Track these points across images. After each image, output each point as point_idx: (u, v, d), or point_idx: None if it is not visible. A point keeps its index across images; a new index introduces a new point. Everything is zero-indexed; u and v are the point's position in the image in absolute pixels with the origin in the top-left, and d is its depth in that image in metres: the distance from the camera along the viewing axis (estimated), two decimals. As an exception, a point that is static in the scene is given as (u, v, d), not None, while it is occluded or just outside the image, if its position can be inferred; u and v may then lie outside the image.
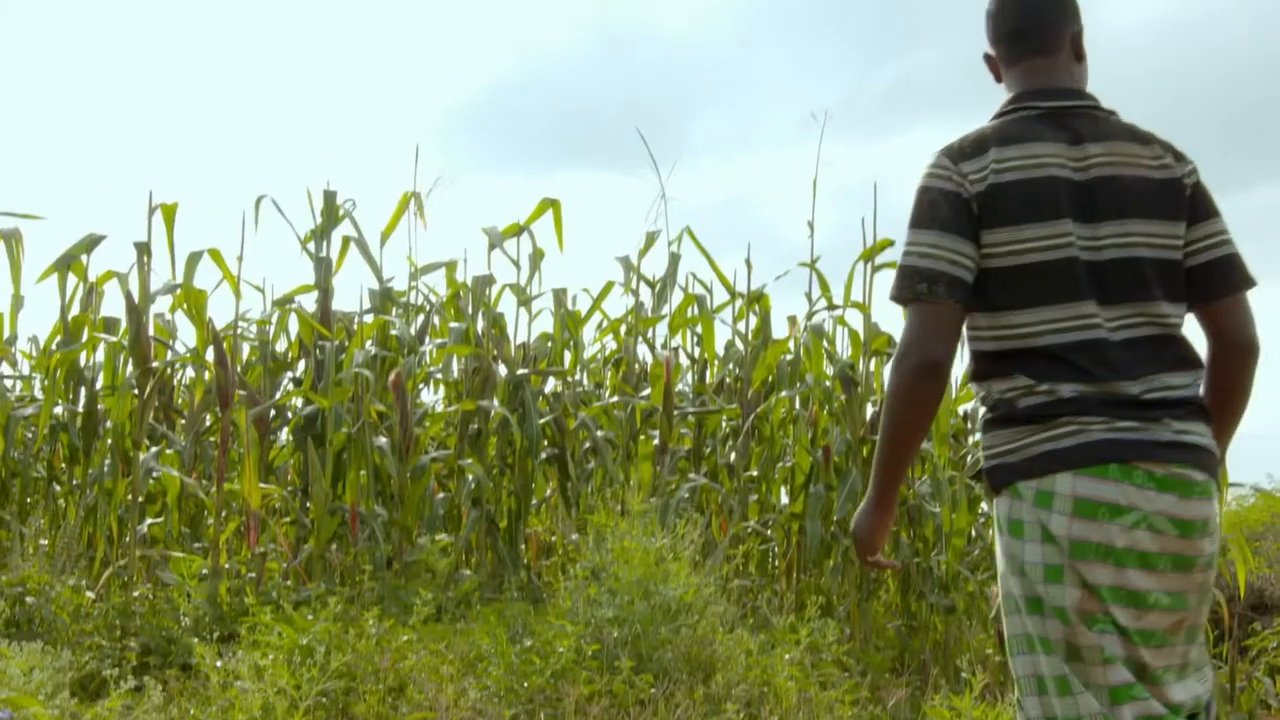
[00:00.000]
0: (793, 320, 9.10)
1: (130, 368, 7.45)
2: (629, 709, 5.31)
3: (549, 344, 9.26)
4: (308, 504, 7.64)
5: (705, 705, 5.37)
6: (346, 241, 8.32)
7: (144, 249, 7.40)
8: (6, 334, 8.38)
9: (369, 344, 8.14)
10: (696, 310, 9.32)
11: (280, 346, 8.68)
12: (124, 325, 7.63)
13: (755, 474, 8.62)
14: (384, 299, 8.57)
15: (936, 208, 2.57)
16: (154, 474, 7.42)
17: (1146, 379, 2.52)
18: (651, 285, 9.60)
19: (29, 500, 8.09)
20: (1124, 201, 2.56)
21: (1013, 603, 2.56)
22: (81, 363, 8.19)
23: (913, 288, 2.55)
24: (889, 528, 2.71)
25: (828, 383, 8.15)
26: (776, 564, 8.35)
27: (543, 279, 8.87)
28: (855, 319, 8.35)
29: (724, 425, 9.03)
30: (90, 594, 6.58)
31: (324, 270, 8.15)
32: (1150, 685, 2.48)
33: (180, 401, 8.90)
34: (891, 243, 7.74)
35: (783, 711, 5.53)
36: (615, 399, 8.92)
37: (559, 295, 9.33)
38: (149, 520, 7.68)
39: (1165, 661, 2.50)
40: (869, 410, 7.92)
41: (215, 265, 7.82)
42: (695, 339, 9.60)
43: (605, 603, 5.85)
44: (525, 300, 8.76)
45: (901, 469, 2.64)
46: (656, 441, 8.50)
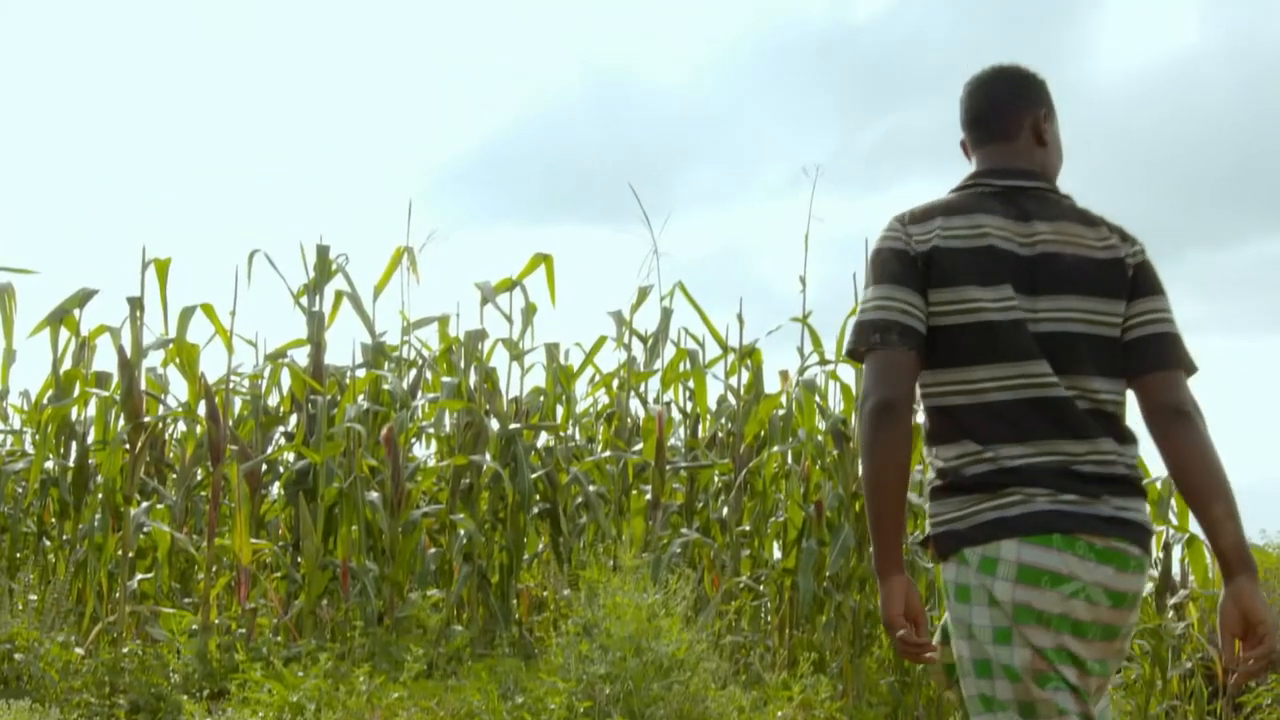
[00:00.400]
0: (785, 375, 9.12)
1: (122, 422, 7.44)
2: (621, 766, 5.28)
3: (541, 398, 9.27)
4: (299, 559, 7.61)
5: (698, 763, 5.35)
6: (339, 296, 8.33)
7: (137, 304, 7.41)
8: (-2, 388, 8.38)
9: (361, 399, 8.13)
10: (689, 365, 9.34)
11: (272, 401, 8.68)
12: (116, 380, 7.62)
13: (747, 529, 8.61)
14: (376, 353, 8.57)
15: (887, 265, 2.66)
16: (145, 529, 7.39)
17: (1089, 441, 2.58)
18: (644, 340, 9.62)
19: (18, 555, 8.06)
20: (1064, 278, 2.64)
21: (965, 665, 2.62)
22: (73, 417, 8.17)
23: (866, 339, 2.63)
24: (908, 594, 2.59)
25: (820, 437, 8.16)
26: (769, 620, 8.32)
27: (535, 333, 8.90)
28: (847, 373, 8.38)
29: (716, 480, 9.03)
30: (79, 650, 6.54)
31: (316, 325, 8.15)
32: None
33: (172, 456, 8.89)
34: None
35: (776, 769, 5.51)
36: (607, 454, 8.91)
37: (551, 350, 9.34)
38: (139, 575, 7.64)
39: None
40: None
41: (208, 320, 7.84)
42: (687, 394, 9.61)
43: (597, 659, 5.82)
44: (518, 355, 8.77)
45: (890, 524, 2.61)
46: (649, 496, 8.49)
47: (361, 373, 8.35)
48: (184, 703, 5.92)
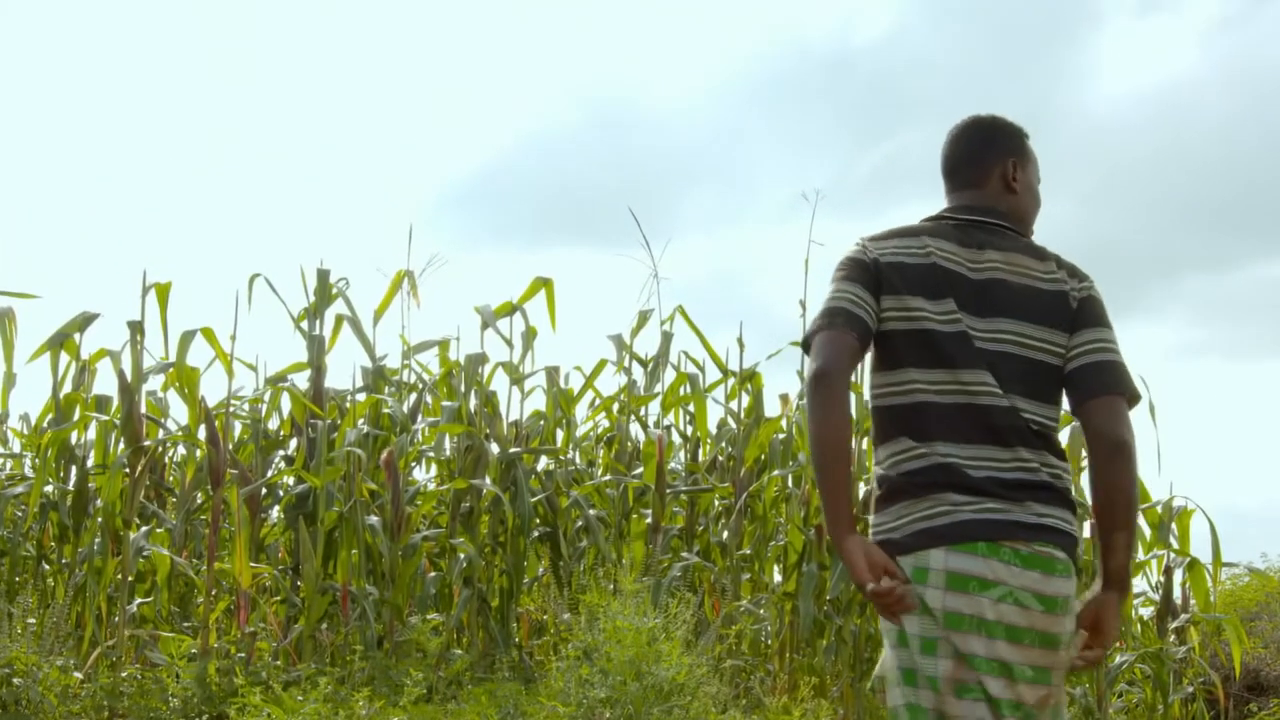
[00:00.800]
0: (785, 398, 9.11)
1: (122, 446, 7.43)
2: (621, 791, 5.27)
3: (541, 422, 9.27)
4: (298, 583, 7.60)
5: (698, 787, 5.33)
6: (339, 320, 8.34)
7: (137, 328, 7.42)
8: (-2, 412, 8.37)
9: (361, 422, 8.13)
10: (689, 389, 9.34)
11: (272, 425, 8.68)
12: (116, 404, 7.62)
13: (748, 553, 8.60)
14: (377, 377, 8.58)
15: (844, 269, 2.86)
16: (144, 553, 7.38)
17: (1012, 449, 2.74)
18: (644, 364, 9.63)
19: (17, 579, 8.04)
20: (1006, 303, 2.81)
21: (894, 675, 2.77)
22: (73, 441, 8.17)
23: (814, 326, 2.81)
24: (867, 551, 2.68)
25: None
26: (769, 643, 8.30)
27: (535, 357, 8.91)
28: (847, 397, 8.35)
29: (716, 504, 9.02)
30: (78, 674, 6.52)
31: (317, 349, 8.16)
32: None
33: (172, 480, 8.88)
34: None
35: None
36: (608, 477, 8.91)
37: (551, 373, 9.35)
38: (138, 599, 7.63)
39: None
40: (861, 489, 7.91)
41: (208, 343, 7.83)
42: (688, 417, 9.61)
43: (597, 683, 5.81)
44: (518, 378, 8.78)
45: (834, 488, 2.71)
46: (649, 520, 8.48)
47: (362, 396, 8.35)
48: (183, 727, 5.91)
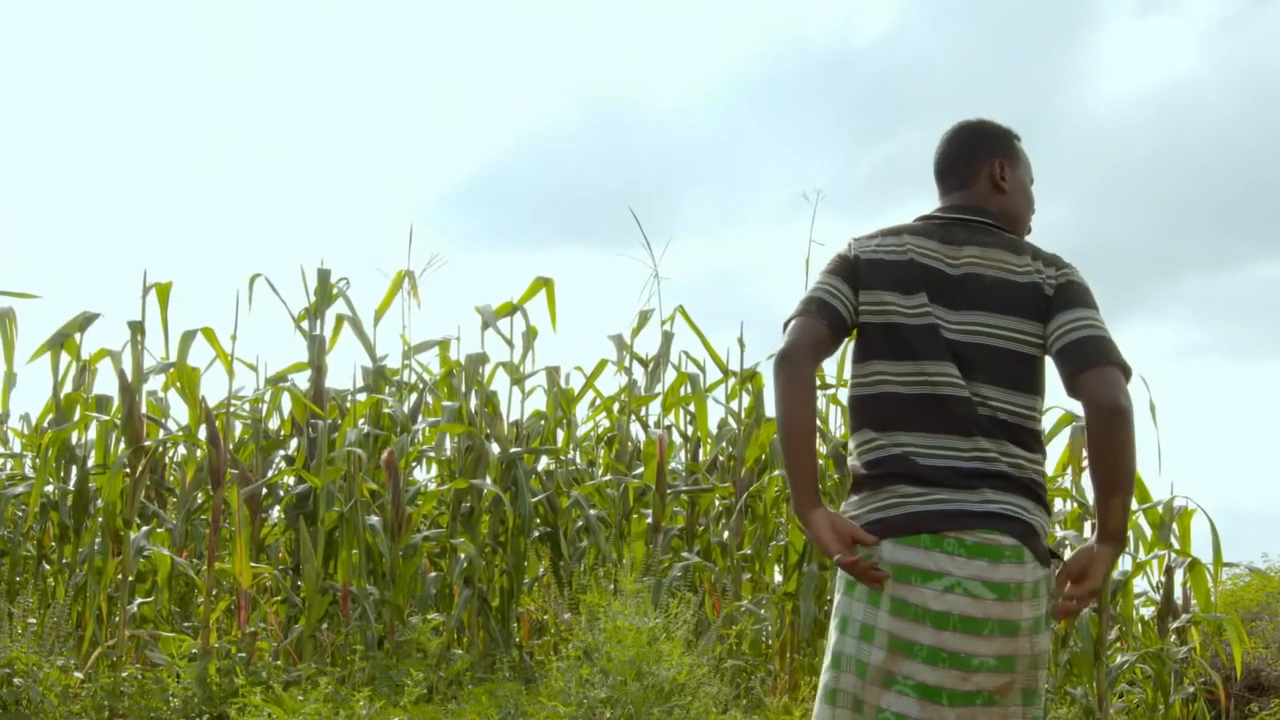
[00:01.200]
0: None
1: (122, 446, 7.43)
2: (622, 791, 5.27)
3: (542, 422, 9.27)
4: (299, 583, 7.60)
5: (699, 787, 5.33)
6: (340, 320, 8.34)
7: (137, 328, 7.41)
8: (-1, 412, 8.37)
9: (362, 422, 8.13)
10: (689, 389, 9.34)
11: (273, 425, 8.68)
12: (116, 404, 7.62)
13: (749, 553, 8.60)
14: (377, 377, 8.58)
15: (830, 264, 2.99)
16: (144, 553, 7.37)
17: (971, 439, 2.81)
18: (644, 364, 9.63)
19: (18, 579, 8.04)
20: (980, 295, 2.88)
21: (828, 656, 2.87)
22: (73, 441, 8.17)
23: (791, 314, 2.93)
24: (833, 522, 2.79)
25: (821, 461, 8.14)
26: (770, 644, 8.30)
27: (536, 357, 8.91)
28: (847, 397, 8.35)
29: (717, 504, 9.02)
30: (79, 674, 6.52)
31: (317, 349, 8.16)
32: None
33: (172, 480, 8.88)
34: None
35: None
36: (608, 477, 8.91)
37: (552, 373, 9.35)
38: (139, 599, 7.62)
39: None
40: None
41: (209, 343, 7.83)
42: (688, 417, 9.61)
43: (598, 683, 5.81)
44: (518, 378, 8.78)
45: (797, 464, 2.81)
46: (649, 520, 8.48)
47: (362, 396, 8.35)
48: (183, 727, 5.91)
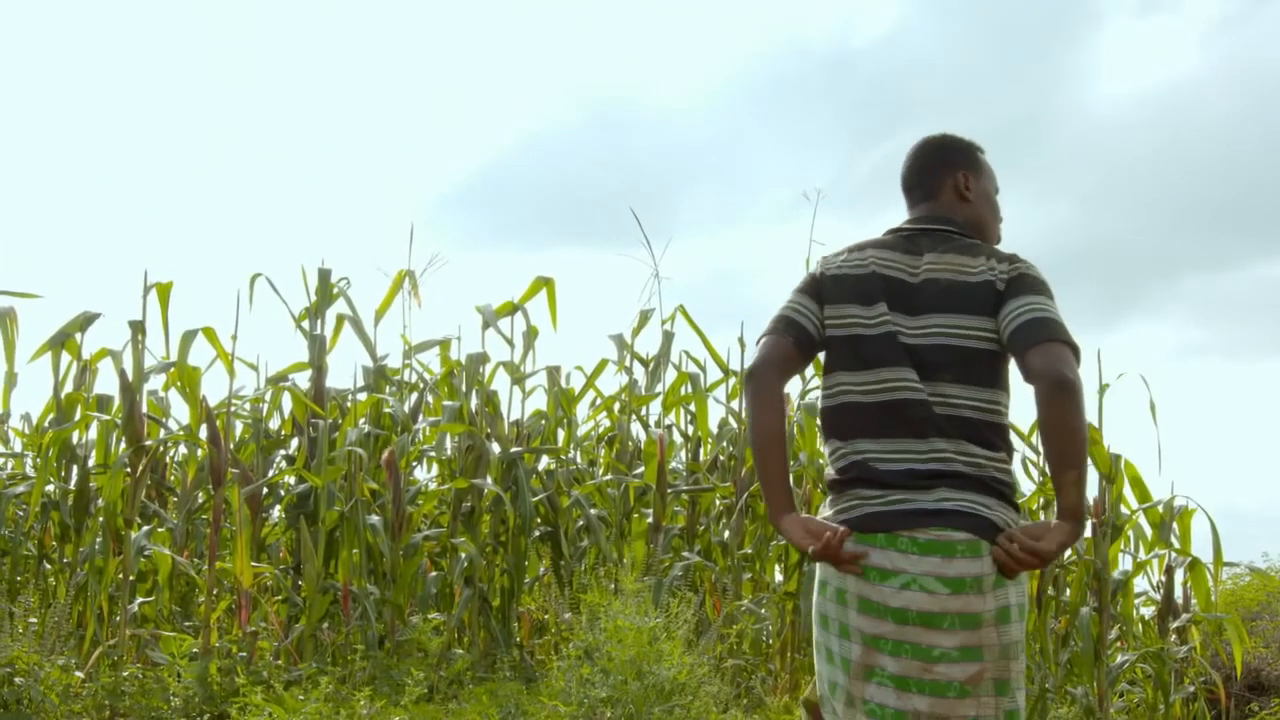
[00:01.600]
0: (787, 398, 9.11)
1: (123, 446, 7.43)
2: (622, 791, 5.27)
3: (542, 422, 9.26)
4: (299, 582, 7.60)
5: (699, 787, 5.33)
6: (341, 320, 8.34)
7: (138, 327, 7.41)
8: (0, 411, 8.37)
9: (362, 422, 8.14)
10: (690, 388, 9.34)
11: (273, 424, 8.67)
12: (117, 403, 7.62)
13: (749, 552, 8.60)
14: (378, 377, 8.58)
15: (800, 283, 3.16)
16: (145, 552, 7.37)
17: (927, 441, 2.90)
18: (645, 363, 9.63)
19: (19, 578, 8.04)
20: (936, 299, 2.98)
21: (826, 653, 2.98)
22: (74, 441, 8.17)
23: (762, 333, 3.13)
24: (805, 524, 2.93)
25: (820, 461, 8.14)
26: (771, 643, 8.30)
27: (536, 357, 8.91)
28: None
29: (717, 503, 9.02)
30: (80, 674, 6.52)
31: (318, 348, 8.16)
32: None
33: (173, 479, 8.88)
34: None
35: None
36: (609, 477, 8.91)
37: (552, 373, 9.35)
38: (140, 599, 7.62)
39: (968, 711, 2.82)
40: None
41: (209, 343, 7.82)
42: (689, 417, 9.61)
43: (598, 682, 5.81)
44: (519, 378, 8.77)
45: (767, 474, 3.00)
46: (650, 520, 8.48)
47: (363, 396, 8.35)
48: (184, 726, 5.91)
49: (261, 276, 7.86)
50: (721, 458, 9.32)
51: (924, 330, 2.95)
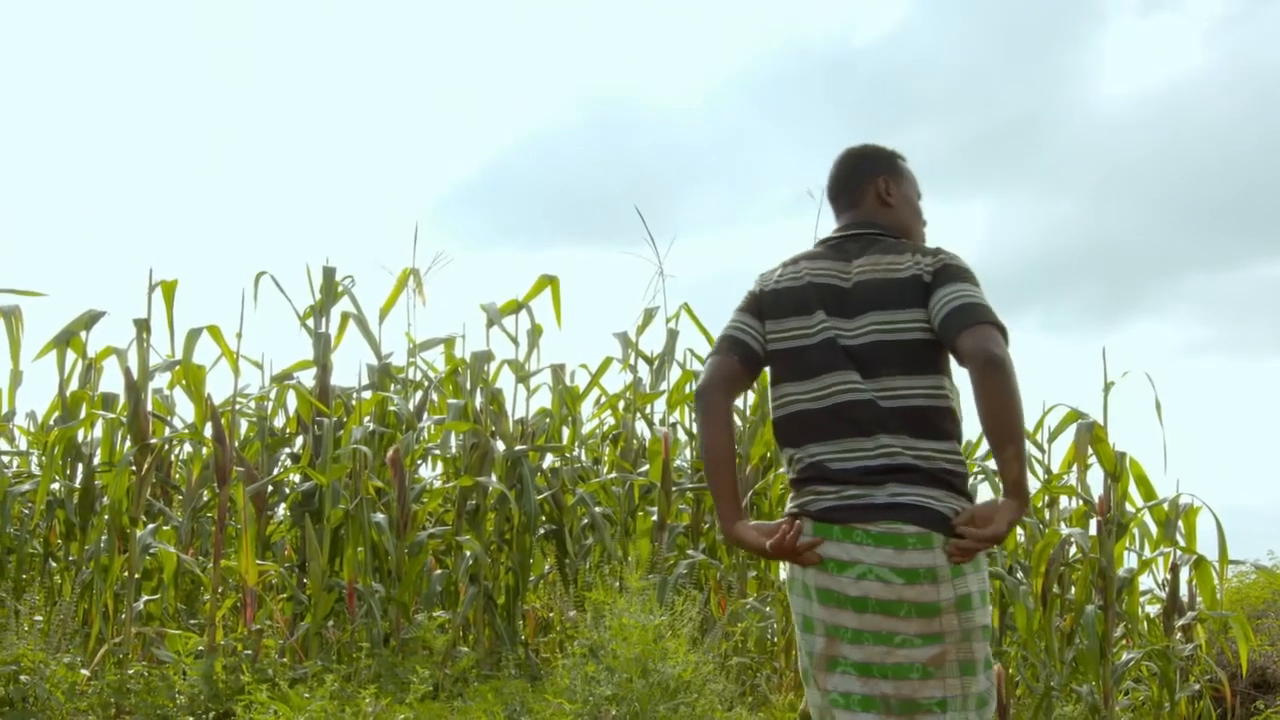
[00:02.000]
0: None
1: (128, 444, 7.43)
2: (628, 788, 5.27)
3: (547, 420, 9.26)
4: (305, 580, 7.60)
5: (704, 784, 5.33)
6: (345, 318, 8.34)
7: (143, 325, 7.41)
8: (5, 410, 8.38)
9: (367, 420, 8.14)
10: (694, 386, 9.33)
11: (278, 422, 8.67)
12: (122, 401, 7.62)
13: (754, 550, 8.57)
14: (382, 375, 8.58)
15: (742, 301, 3.29)
16: (150, 550, 7.38)
17: (873, 438, 2.98)
18: (649, 361, 9.63)
19: (24, 577, 8.05)
20: (869, 299, 3.08)
21: (799, 646, 3.08)
22: (79, 439, 8.17)
23: (709, 353, 3.28)
24: (757, 528, 3.08)
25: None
26: (775, 641, 8.30)
27: (541, 355, 8.90)
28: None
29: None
30: (85, 672, 6.53)
31: (323, 346, 8.16)
32: (899, 717, 2.91)
33: (178, 477, 8.89)
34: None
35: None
36: (613, 475, 8.91)
37: (557, 371, 9.34)
38: (145, 597, 7.63)
39: (933, 693, 2.91)
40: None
41: (214, 341, 7.81)
42: (693, 414, 9.60)
43: (603, 680, 5.81)
44: (523, 376, 8.77)
45: (716, 487, 3.13)
46: (655, 517, 8.48)
47: (367, 394, 8.35)
48: (190, 724, 5.91)
49: (266, 275, 7.87)
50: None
51: (862, 330, 3.06)
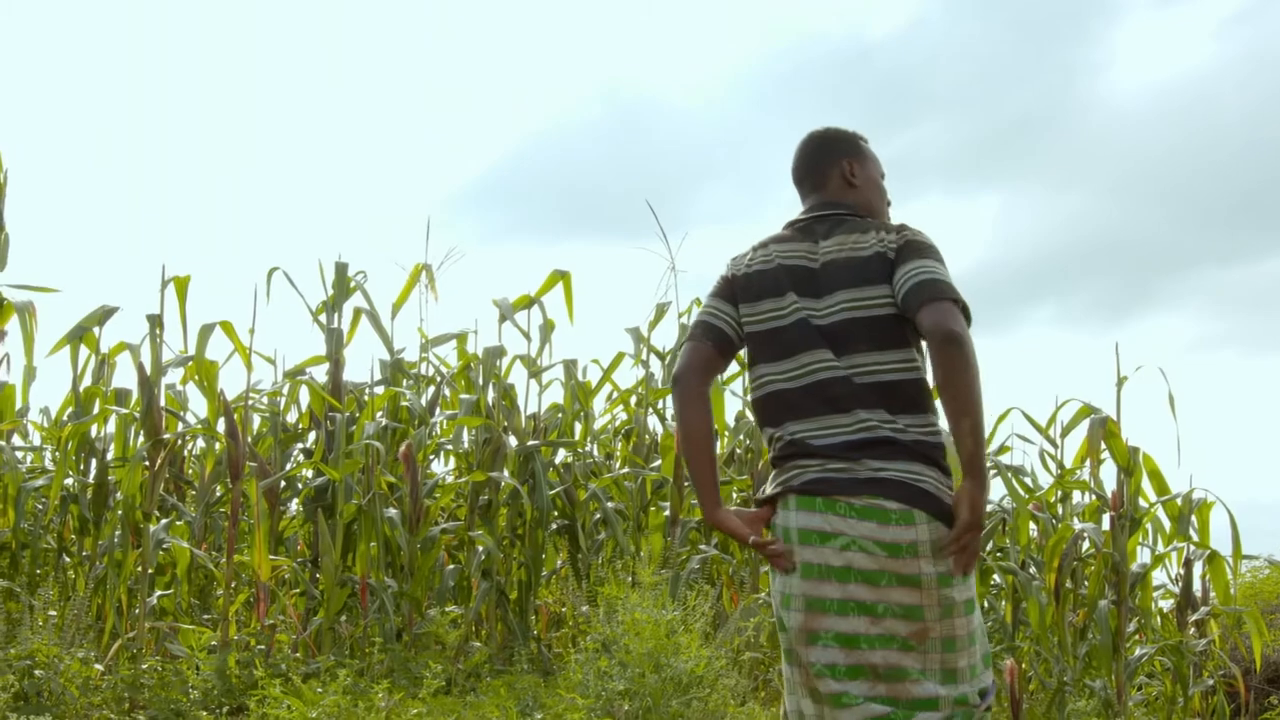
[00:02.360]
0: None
1: (141, 439, 7.45)
2: (640, 783, 5.26)
3: (559, 415, 9.26)
4: (317, 575, 7.61)
5: (717, 779, 5.33)
6: (358, 313, 8.35)
7: (156, 321, 7.42)
8: (18, 405, 8.40)
9: (380, 415, 8.14)
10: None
11: (291, 418, 8.69)
12: (135, 397, 7.64)
13: (766, 545, 8.57)
14: (395, 370, 8.58)
15: (714, 286, 3.35)
16: (164, 545, 7.39)
17: (851, 414, 3.03)
18: (662, 357, 9.62)
19: (38, 572, 8.07)
20: (837, 278, 3.14)
21: (778, 626, 3.13)
22: (93, 434, 8.19)
23: (684, 340, 3.34)
24: (738, 515, 3.14)
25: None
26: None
27: (553, 350, 8.92)
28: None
29: (735, 496, 9.01)
30: (99, 666, 6.54)
31: (335, 342, 8.17)
32: (888, 683, 2.96)
33: (191, 473, 8.90)
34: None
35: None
36: (626, 470, 8.91)
37: (569, 367, 9.35)
38: (158, 592, 7.64)
39: (915, 664, 2.96)
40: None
41: (227, 337, 7.84)
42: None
43: (616, 675, 5.81)
44: (536, 371, 8.78)
45: (696, 472, 3.19)
46: (667, 513, 8.48)
47: (380, 389, 8.36)
48: (203, 718, 5.92)
49: (279, 270, 7.89)
50: (738, 451, 9.32)
51: (832, 309, 3.11)
